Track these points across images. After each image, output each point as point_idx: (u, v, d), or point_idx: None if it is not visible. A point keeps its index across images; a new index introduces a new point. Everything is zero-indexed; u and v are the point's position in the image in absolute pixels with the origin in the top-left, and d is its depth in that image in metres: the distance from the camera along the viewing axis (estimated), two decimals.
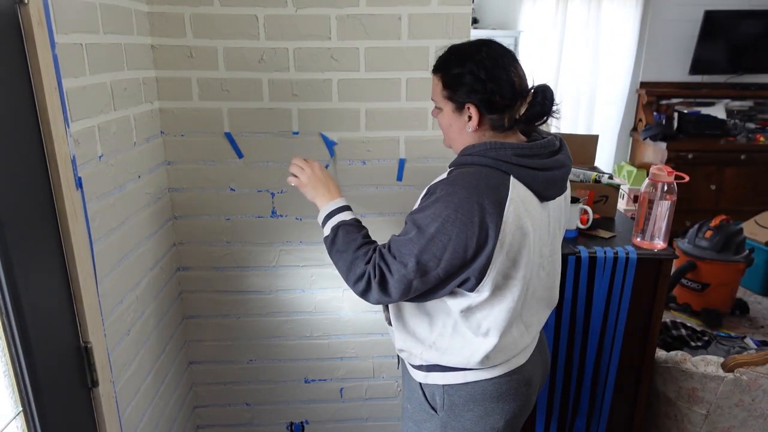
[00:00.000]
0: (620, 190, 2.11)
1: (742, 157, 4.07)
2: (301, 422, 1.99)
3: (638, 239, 1.87)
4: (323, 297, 1.84)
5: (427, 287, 1.08)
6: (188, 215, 1.73)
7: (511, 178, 1.06)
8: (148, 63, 1.54)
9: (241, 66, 1.59)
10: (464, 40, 1.59)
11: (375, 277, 1.08)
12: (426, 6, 1.57)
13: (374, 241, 1.17)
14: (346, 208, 1.24)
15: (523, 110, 1.12)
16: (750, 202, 4.10)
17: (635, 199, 3.95)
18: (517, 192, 1.05)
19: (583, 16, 4.30)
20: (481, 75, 1.08)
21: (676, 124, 4.34)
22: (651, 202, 1.83)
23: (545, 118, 1.13)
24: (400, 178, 1.73)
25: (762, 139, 4.14)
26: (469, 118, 1.11)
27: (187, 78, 1.60)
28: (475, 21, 4.22)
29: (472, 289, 1.08)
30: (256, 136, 1.67)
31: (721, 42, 4.29)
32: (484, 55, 1.10)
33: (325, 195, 1.25)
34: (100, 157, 1.23)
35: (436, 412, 1.22)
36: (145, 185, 1.51)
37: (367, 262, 1.10)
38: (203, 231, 1.75)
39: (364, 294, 1.11)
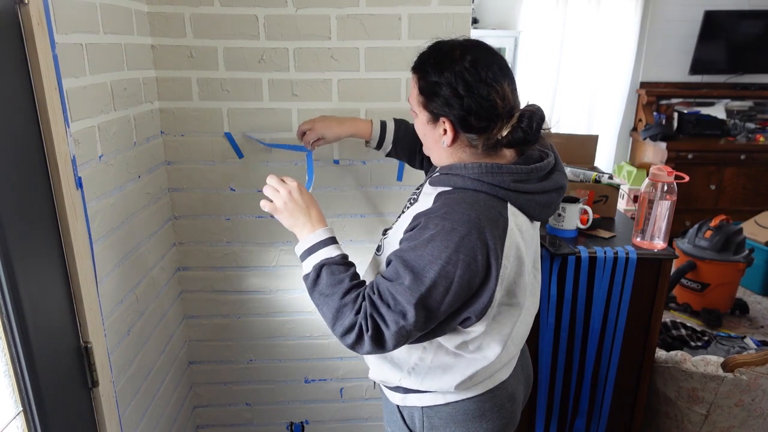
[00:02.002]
0: (620, 190, 2.12)
1: (742, 157, 4.07)
2: (301, 422, 1.99)
3: (638, 239, 1.87)
4: None
5: (424, 332, 0.97)
6: (188, 215, 1.73)
7: (508, 205, 0.97)
8: (148, 63, 1.54)
9: (241, 66, 1.59)
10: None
11: (368, 330, 0.93)
12: (426, 6, 1.57)
13: (363, 283, 1.01)
14: (330, 241, 1.04)
15: (504, 133, 0.95)
16: (750, 202, 4.10)
17: (635, 199, 3.95)
18: (515, 220, 0.97)
19: (583, 16, 4.30)
20: (459, 89, 0.94)
21: (676, 124, 4.35)
22: (651, 202, 1.83)
23: (529, 143, 0.99)
24: (400, 178, 1.73)
25: (762, 139, 4.14)
26: (444, 131, 0.99)
27: (187, 78, 1.60)
28: (475, 21, 4.22)
29: (469, 326, 1.00)
30: (256, 136, 1.67)
31: (721, 42, 4.29)
32: (467, 64, 0.94)
33: (306, 224, 1.05)
34: (100, 157, 1.23)
35: None
36: (145, 185, 1.51)
37: (357, 312, 0.95)
38: (203, 231, 1.75)
39: (353, 347, 0.97)
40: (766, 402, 1.93)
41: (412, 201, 1.13)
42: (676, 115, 4.36)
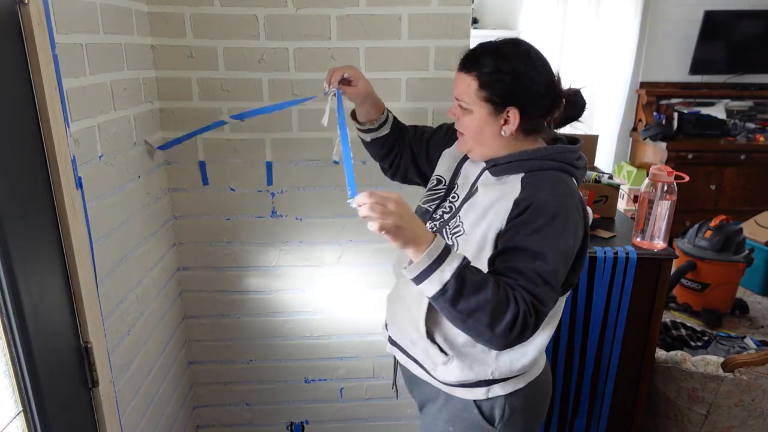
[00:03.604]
0: (620, 190, 2.12)
1: (742, 157, 4.06)
2: (301, 422, 1.99)
3: (638, 239, 1.87)
4: (323, 297, 1.84)
5: None
6: (188, 215, 1.73)
7: (573, 180, 1.08)
8: (148, 63, 1.54)
9: (241, 66, 1.59)
10: (464, 40, 1.61)
11: (532, 315, 0.93)
12: (426, 6, 1.57)
13: (493, 274, 0.98)
14: (447, 244, 0.95)
15: (556, 114, 1.08)
16: (750, 202, 4.10)
17: (635, 199, 3.95)
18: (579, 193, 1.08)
19: (583, 16, 4.30)
20: (527, 75, 1.02)
21: (676, 124, 4.34)
22: (651, 202, 1.83)
23: (577, 119, 1.12)
24: None
25: (762, 139, 4.14)
26: (505, 121, 1.05)
27: (187, 78, 1.60)
28: (475, 21, 4.22)
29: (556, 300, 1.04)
30: (256, 136, 1.67)
31: (721, 42, 4.29)
32: (531, 54, 1.04)
33: (423, 235, 0.93)
34: (100, 157, 1.23)
35: (493, 425, 1.17)
36: (145, 185, 1.51)
37: (516, 302, 0.92)
38: (203, 231, 1.75)
39: (518, 338, 0.94)
40: (766, 402, 1.93)
41: (468, 193, 1.14)
42: (676, 115, 4.36)
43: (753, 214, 3.73)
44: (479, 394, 1.16)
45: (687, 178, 1.84)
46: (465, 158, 1.22)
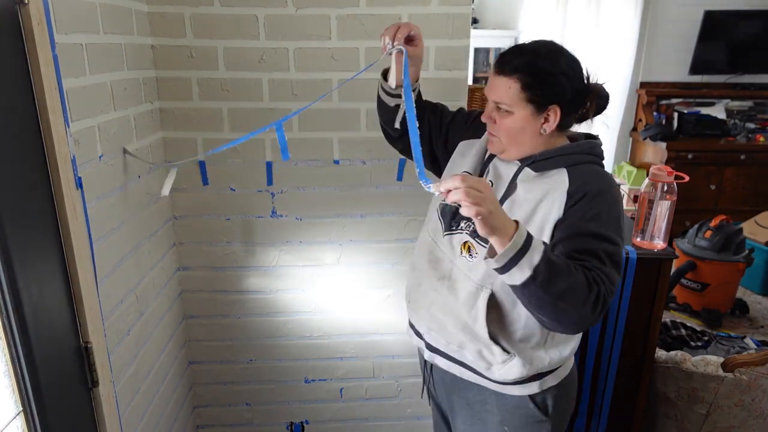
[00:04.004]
0: (620, 190, 2.11)
1: (742, 157, 4.06)
2: (301, 422, 1.99)
3: (638, 239, 1.87)
4: (323, 297, 1.84)
5: None
6: (188, 215, 1.73)
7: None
8: (148, 63, 1.54)
9: (241, 66, 1.59)
10: (464, 40, 1.61)
11: (608, 294, 0.97)
12: (426, 6, 1.57)
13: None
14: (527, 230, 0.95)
15: (585, 109, 1.13)
16: (750, 202, 4.10)
17: (635, 199, 3.94)
18: None
19: (583, 16, 4.30)
20: (570, 75, 1.07)
21: (675, 124, 4.34)
22: (651, 202, 1.83)
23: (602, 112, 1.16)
24: (400, 178, 1.73)
25: (762, 139, 4.14)
26: (545, 120, 1.09)
27: (187, 78, 1.60)
28: (475, 21, 4.22)
29: None
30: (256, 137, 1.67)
31: (721, 42, 4.28)
32: (565, 53, 1.08)
33: (509, 222, 0.92)
34: (100, 157, 1.23)
35: (548, 416, 1.20)
36: (145, 185, 1.51)
37: (595, 282, 0.95)
38: (203, 231, 1.75)
39: (599, 317, 0.97)
40: (766, 402, 1.93)
41: (507, 191, 1.14)
42: (676, 115, 4.36)
43: (753, 214, 3.73)
44: (534, 388, 1.18)
45: (687, 178, 1.84)
46: (492, 156, 1.21)
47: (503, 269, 0.92)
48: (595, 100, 1.12)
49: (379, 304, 1.86)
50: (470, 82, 3.57)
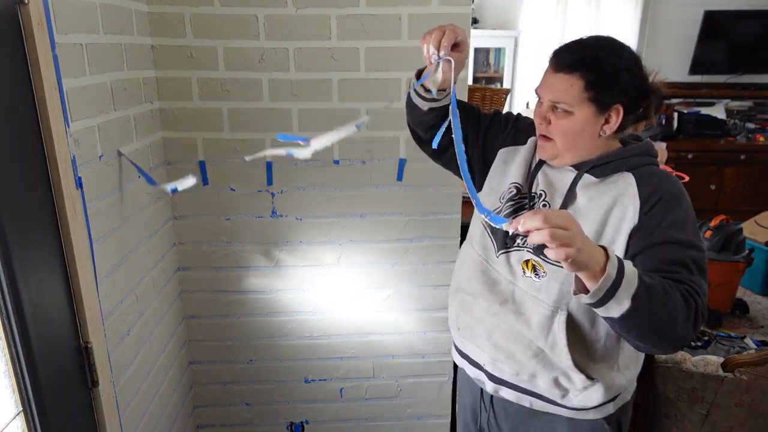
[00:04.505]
0: None
1: (742, 157, 4.06)
2: (301, 422, 1.99)
3: None
4: (323, 297, 1.84)
5: None
6: (188, 215, 1.73)
7: None
8: (148, 63, 1.54)
9: (241, 66, 1.59)
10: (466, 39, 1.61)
11: (704, 306, 0.92)
12: (426, 6, 1.57)
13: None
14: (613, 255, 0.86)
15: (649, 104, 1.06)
16: (750, 202, 4.10)
17: None
18: None
19: (583, 17, 4.30)
20: (630, 71, 0.99)
21: (676, 124, 4.34)
22: None
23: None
24: (400, 178, 1.73)
25: (762, 139, 4.14)
26: (606, 121, 1.01)
27: (187, 78, 1.60)
28: (475, 21, 4.22)
29: None
30: (256, 136, 1.67)
31: (721, 42, 4.29)
32: (627, 49, 1.01)
33: (598, 252, 0.83)
34: (100, 157, 1.23)
35: None
36: (145, 185, 1.51)
37: (690, 296, 0.89)
38: (203, 231, 1.75)
39: (697, 331, 0.91)
40: (767, 402, 1.93)
41: (565, 200, 1.05)
42: (676, 115, 4.36)
43: (753, 214, 3.72)
44: (609, 408, 1.12)
45: (687, 178, 1.83)
46: (540, 163, 1.12)
47: (599, 303, 0.84)
48: (655, 99, 1.04)
49: (379, 304, 1.86)
50: (470, 82, 3.57)
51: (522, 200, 1.12)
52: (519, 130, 1.19)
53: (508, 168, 1.17)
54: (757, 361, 1.88)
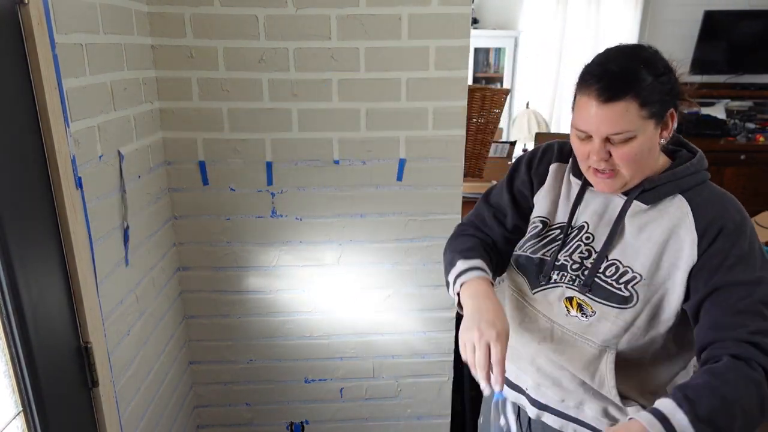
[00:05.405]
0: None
1: (742, 157, 4.07)
2: (301, 422, 1.99)
3: None
4: (323, 297, 1.84)
5: None
6: (188, 215, 1.73)
7: None
8: (148, 63, 1.54)
9: (241, 66, 1.59)
10: (464, 40, 1.61)
11: None
12: (426, 6, 1.57)
13: (713, 360, 0.85)
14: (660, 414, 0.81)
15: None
16: (750, 202, 4.07)
17: None
18: None
19: (583, 16, 4.30)
20: (667, 68, 0.95)
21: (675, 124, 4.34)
22: None
23: None
24: (400, 178, 1.73)
25: (762, 139, 4.14)
26: (663, 127, 0.94)
27: (187, 78, 1.60)
28: (475, 21, 4.22)
29: None
30: (256, 136, 1.67)
31: (721, 42, 4.29)
32: (646, 48, 0.97)
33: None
34: (100, 157, 1.23)
35: None
36: (145, 185, 1.51)
37: (756, 368, 0.81)
38: (203, 231, 1.75)
39: None
40: None
41: (612, 231, 0.98)
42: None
43: (753, 214, 3.73)
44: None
45: None
46: (581, 193, 1.04)
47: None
48: (685, 87, 0.98)
49: (379, 304, 1.86)
50: (470, 82, 3.57)
51: (550, 234, 1.05)
52: (537, 172, 1.11)
53: (540, 202, 1.10)
54: None
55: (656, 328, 0.94)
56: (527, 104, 4.36)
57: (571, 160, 1.08)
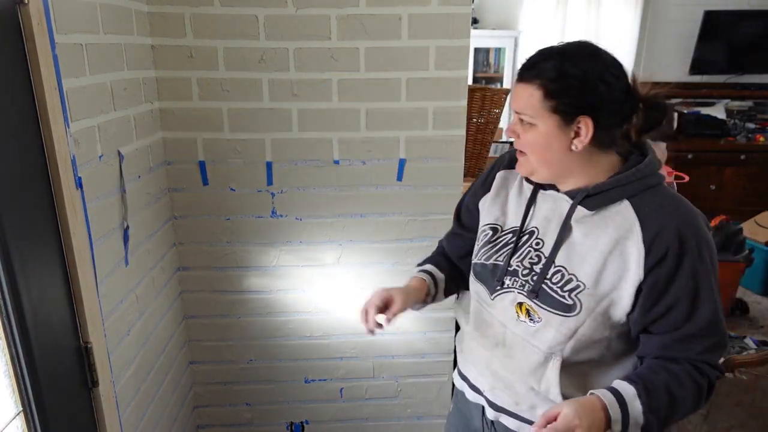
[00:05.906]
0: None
1: (742, 157, 4.07)
2: (301, 422, 1.99)
3: None
4: (323, 297, 1.84)
5: None
6: (188, 215, 1.73)
7: None
8: (148, 63, 1.54)
9: (241, 66, 1.59)
10: (464, 40, 1.61)
11: (717, 368, 0.93)
12: (426, 6, 1.57)
13: (673, 361, 0.92)
14: (618, 393, 0.89)
15: (634, 122, 0.94)
16: (750, 202, 4.10)
17: None
18: None
19: (583, 16, 4.30)
20: (601, 78, 0.89)
21: (676, 124, 4.35)
22: None
23: (659, 127, 0.97)
24: (400, 178, 1.73)
25: (762, 139, 4.14)
26: (576, 134, 0.91)
27: (187, 78, 1.60)
28: (475, 21, 4.22)
29: None
30: (256, 136, 1.67)
31: (721, 42, 4.29)
32: (601, 53, 0.92)
33: (597, 417, 0.87)
34: (100, 157, 1.23)
35: None
36: (145, 185, 1.51)
37: (701, 374, 0.91)
38: (203, 231, 1.75)
39: (708, 400, 0.93)
40: (767, 402, 1.93)
41: (560, 236, 0.97)
42: (676, 115, 4.36)
43: (753, 214, 3.73)
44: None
45: (687, 178, 1.84)
46: (533, 197, 1.04)
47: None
48: (644, 111, 0.93)
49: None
50: (470, 82, 3.57)
51: (501, 240, 1.06)
52: (486, 183, 1.15)
53: (488, 209, 1.12)
54: (757, 361, 1.88)
55: (602, 334, 0.95)
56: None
57: None
